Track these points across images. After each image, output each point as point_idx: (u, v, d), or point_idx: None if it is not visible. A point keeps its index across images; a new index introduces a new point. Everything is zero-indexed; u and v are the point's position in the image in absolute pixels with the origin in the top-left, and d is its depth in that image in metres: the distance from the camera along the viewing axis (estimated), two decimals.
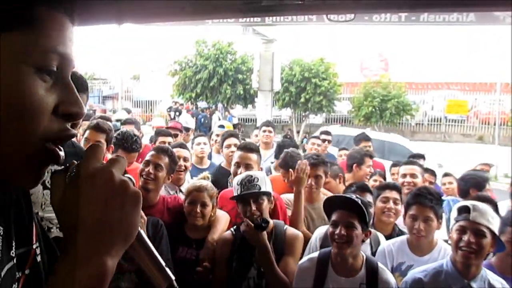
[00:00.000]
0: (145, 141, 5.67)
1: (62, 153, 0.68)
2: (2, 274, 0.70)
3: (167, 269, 0.73)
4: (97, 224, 0.61)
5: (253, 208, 2.67)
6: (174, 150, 3.85)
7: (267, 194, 2.78)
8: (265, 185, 2.78)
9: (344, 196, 2.58)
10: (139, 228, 0.68)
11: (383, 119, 16.33)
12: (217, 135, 5.64)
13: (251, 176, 2.80)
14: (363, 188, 3.37)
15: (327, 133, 6.98)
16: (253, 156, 3.38)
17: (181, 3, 1.76)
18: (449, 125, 23.17)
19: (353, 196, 2.53)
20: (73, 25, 0.68)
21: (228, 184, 3.89)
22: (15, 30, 0.60)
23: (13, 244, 0.74)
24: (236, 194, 2.79)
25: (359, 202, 2.44)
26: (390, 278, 2.45)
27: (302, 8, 1.58)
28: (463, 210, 2.35)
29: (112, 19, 1.99)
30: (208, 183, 2.98)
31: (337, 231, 2.39)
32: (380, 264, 2.52)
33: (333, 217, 2.47)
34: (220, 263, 2.69)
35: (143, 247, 0.72)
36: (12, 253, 0.73)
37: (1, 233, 0.73)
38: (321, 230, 3.08)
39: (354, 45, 26.51)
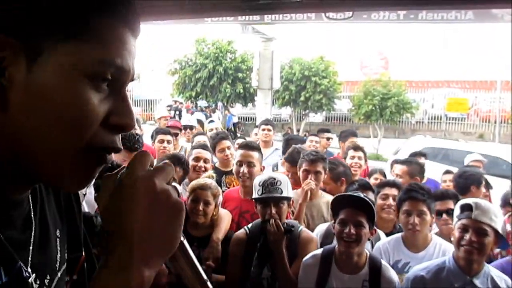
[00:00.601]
0: (145, 139, 5.67)
1: (109, 157, 0.69)
2: (59, 274, 0.75)
3: (209, 283, 0.73)
4: (137, 234, 0.60)
5: (273, 211, 2.68)
6: (195, 151, 3.87)
7: (288, 199, 2.79)
8: (287, 189, 2.78)
9: (352, 195, 2.57)
10: (183, 239, 0.69)
11: (383, 118, 16.31)
12: (211, 130, 5.65)
13: (274, 178, 2.79)
14: (365, 186, 3.38)
15: (327, 131, 6.93)
16: (255, 154, 3.40)
17: (180, 1, 1.76)
18: (449, 123, 23.14)
19: (361, 195, 2.53)
20: (134, 38, 0.68)
21: (222, 183, 3.91)
22: (71, 41, 0.60)
23: (66, 247, 0.79)
24: (258, 196, 2.77)
25: (367, 200, 2.45)
26: (393, 275, 2.46)
27: (300, 6, 1.58)
28: (466, 208, 2.35)
29: None
30: (212, 182, 2.99)
31: (346, 230, 2.39)
32: (383, 262, 2.53)
33: (341, 215, 2.46)
34: (233, 262, 2.69)
35: (186, 258, 0.71)
36: (66, 255, 0.77)
37: (59, 235, 0.78)
38: (322, 228, 3.09)
39: (354, 44, 26.52)
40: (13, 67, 0.58)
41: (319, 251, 2.60)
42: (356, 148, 4.74)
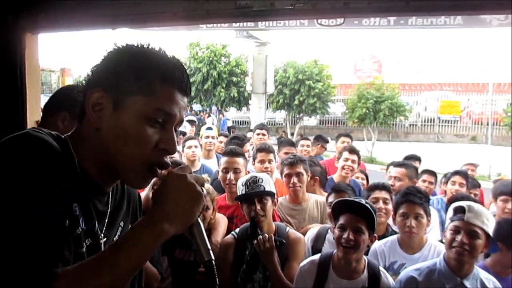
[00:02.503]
0: None
1: (160, 171, 1.08)
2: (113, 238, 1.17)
3: (211, 251, 1.07)
4: (169, 204, 0.99)
5: (258, 207, 2.71)
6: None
7: (271, 194, 2.82)
8: (270, 186, 2.82)
9: (353, 200, 2.55)
10: (199, 220, 1.07)
11: (377, 121, 16.39)
12: (207, 137, 5.63)
13: (256, 177, 2.84)
14: (339, 189, 3.39)
15: (323, 139, 6.88)
16: (240, 160, 3.41)
17: (174, 8, 1.78)
18: (442, 125, 23.31)
19: (362, 201, 2.53)
20: (184, 96, 1.09)
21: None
22: (140, 96, 1.02)
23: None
24: (241, 194, 2.82)
25: (368, 206, 2.44)
26: (391, 281, 2.47)
27: (292, 13, 1.61)
28: (458, 211, 2.37)
29: (106, 24, 2.02)
30: (210, 187, 2.98)
31: (345, 236, 2.38)
32: (381, 268, 2.54)
33: (341, 221, 2.45)
34: (224, 267, 2.68)
35: (198, 232, 1.06)
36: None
37: (121, 225, 1.21)
38: (313, 231, 3.11)
39: (347, 47, 26.63)
40: (105, 110, 1.03)
41: (317, 256, 2.60)
42: (352, 151, 4.65)
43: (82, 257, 1.01)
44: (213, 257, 1.06)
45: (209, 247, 1.07)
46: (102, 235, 1.11)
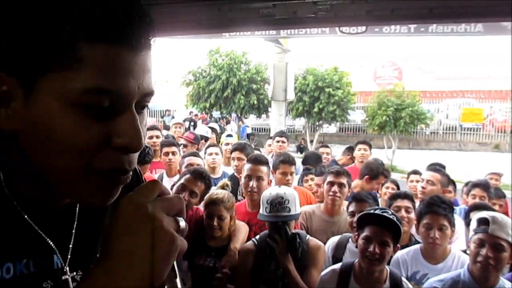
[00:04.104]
0: None
1: (124, 177, 0.69)
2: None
3: None
4: (116, 258, 0.59)
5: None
6: (187, 158, 3.90)
7: (295, 217, 2.78)
8: (295, 207, 2.75)
9: (380, 214, 2.49)
10: (177, 275, 0.65)
11: (398, 128, 16.19)
12: (227, 144, 5.67)
13: (282, 197, 2.74)
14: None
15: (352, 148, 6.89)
16: (264, 169, 3.40)
17: (198, 16, 1.81)
18: (464, 133, 22.90)
19: (389, 212, 2.50)
20: (136, 51, 0.64)
21: (238, 192, 3.92)
22: (56, 72, 0.60)
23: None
24: (266, 214, 2.76)
25: (395, 219, 2.41)
26: None
27: (315, 21, 1.62)
28: (482, 222, 2.32)
29: None
30: (225, 195, 2.96)
31: (371, 248, 2.35)
32: (403, 278, 2.51)
33: (366, 232, 2.42)
34: (243, 273, 2.69)
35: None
36: None
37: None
38: (334, 240, 3.09)
39: (367, 54, 26.50)
40: (15, 102, 0.63)
41: (337, 265, 2.58)
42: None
43: None
44: None
45: None
46: (67, 267, 0.77)
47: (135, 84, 0.64)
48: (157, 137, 5.11)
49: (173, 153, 4.52)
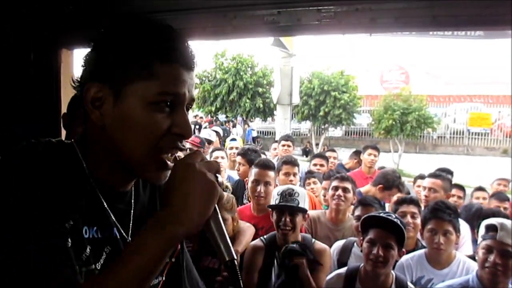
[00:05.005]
0: None
1: (170, 164, 0.96)
2: None
3: (232, 249, 0.92)
4: (175, 201, 0.87)
5: (287, 219, 2.75)
6: None
7: (303, 210, 2.85)
8: (304, 202, 2.85)
9: (383, 216, 2.52)
10: (218, 213, 0.92)
11: (404, 132, 16.16)
12: (231, 148, 5.69)
13: (293, 190, 2.89)
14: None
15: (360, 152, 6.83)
16: (271, 174, 3.42)
17: (203, 23, 1.83)
18: (472, 138, 22.78)
19: (392, 216, 2.51)
20: (190, 71, 0.96)
21: (244, 197, 3.93)
22: (140, 82, 0.91)
23: None
24: (274, 203, 2.86)
25: (398, 222, 2.42)
26: None
27: (319, 28, 1.63)
28: (491, 229, 2.32)
29: None
30: (226, 196, 3.00)
31: (374, 251, 2.37)
32: (409, 283, 2.51)
33: (370, 235, 2.44)
34: (251, 271, 2.71)
35: (216, 228, 0.91)
36: None
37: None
38: (339, 244, 3.10)
39: (373, 58, 26.44)
40: (106, 104, 0.93)
41: (343, 270, 2.58)
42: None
43: (105, 266, 0.95)
44: (235, 257, 0.92)
45: (230, 245, 0.92)
46: (129, 236, 1.03)
47: (186, 91, 0.95)
48: None
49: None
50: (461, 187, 4.64)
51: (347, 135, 24.06)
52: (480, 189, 5.02)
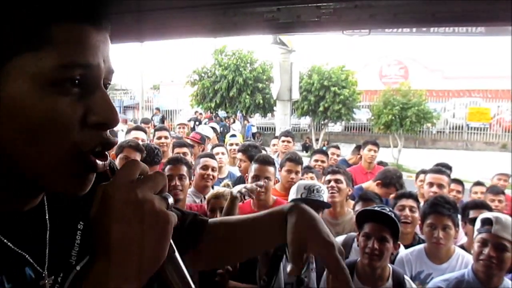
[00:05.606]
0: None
1: (101, 163, 0.66)
2: (77, 268, 0.75)
3: None
4: (114, 247, 0.59)
5: None
6: (203, 159, 3.93)
7: (326, 206, 2.99)
8: (327, 200, 2.99)
9: (377, 210, 2.55)
10: (174, 251, 0.66)
11: (403, 127, 16.15)
12: (231, 144, 5.70)
13: (320, 186, 2.97)
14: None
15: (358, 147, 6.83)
16: (271, 169, 3.43)
17: (203, 21, 1.83)
18: (471, 133, 22.78)
19: (386, 209, 2.54)
20: (100, 32, 0.65)
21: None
22: (27, 52, 0.59)
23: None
24: (300, 197, 2.87)
25: (392, 215, 2.45)
26: None
27: (318, 25, 1.63)
28: (486, 223, 2.35)
29: (134, 37, 2.07)
30: (225, 190, 3.05)
31: (370, 244, 2.40)
32: (406, 276, 2.53)
33: (365, 229, 2.48)
34: (263, 262, 2.70)
35: (174, 269, 0.66)
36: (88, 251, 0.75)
37: (81, 228, 0.77)
38: (339, 239, 3.10)
39: (373, 53, 26.44)
40: None
41: None
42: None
43: None
44: None
45: (192, 286, 0.68)
46: (45, 272, 0.70)
47: (101, 59, 0.65)
48: (166, 137, 5.15)
49: (184, 154, 4.54)
50: (460, 182, 4.65)
51: (347, 131, 24.04)
52: (479, 183, 5.04)
